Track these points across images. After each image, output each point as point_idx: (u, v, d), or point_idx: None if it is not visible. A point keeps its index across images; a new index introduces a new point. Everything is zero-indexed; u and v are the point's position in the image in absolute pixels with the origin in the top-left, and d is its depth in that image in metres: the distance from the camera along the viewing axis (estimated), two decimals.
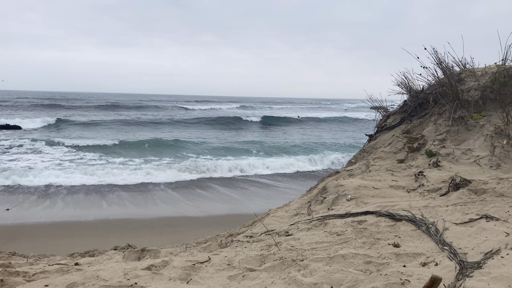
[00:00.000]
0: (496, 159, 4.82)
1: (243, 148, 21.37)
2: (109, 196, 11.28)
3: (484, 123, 5.48)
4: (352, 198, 4.35)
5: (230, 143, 23.44)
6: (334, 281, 2.41)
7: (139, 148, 20.33)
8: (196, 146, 21.61)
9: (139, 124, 33.15)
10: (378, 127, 7.36)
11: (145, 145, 20.92)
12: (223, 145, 22.44)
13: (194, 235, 7.41)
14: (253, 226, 4.96)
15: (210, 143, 22.78)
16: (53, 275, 2.95)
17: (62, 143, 20.51)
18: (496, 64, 6.27)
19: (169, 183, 13.00)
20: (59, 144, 20.40)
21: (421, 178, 4.65)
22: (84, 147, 19.97)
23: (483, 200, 3.71)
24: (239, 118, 38.98)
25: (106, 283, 2.60)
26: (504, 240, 2.69)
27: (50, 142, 21.05)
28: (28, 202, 10.39)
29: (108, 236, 8.00)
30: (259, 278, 2.57)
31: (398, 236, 3.07)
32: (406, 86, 7.01)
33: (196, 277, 2.68)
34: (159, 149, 19.96)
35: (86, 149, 19.49)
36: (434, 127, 5.94)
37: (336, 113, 52.84)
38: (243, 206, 10.56)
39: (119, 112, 44.68)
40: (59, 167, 14.75)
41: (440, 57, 6.30)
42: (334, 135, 30.59)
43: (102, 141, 21.49)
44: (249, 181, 13.83)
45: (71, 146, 19.95)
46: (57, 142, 20.93)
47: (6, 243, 7.47)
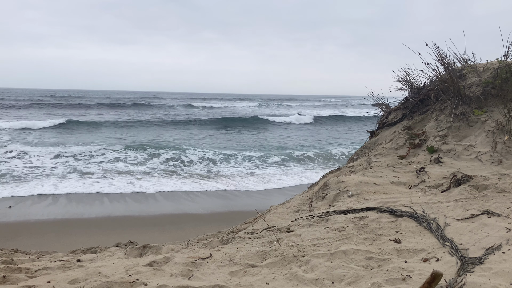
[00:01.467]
0: (498, 155, 4.81)
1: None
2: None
3: (485, 119, 5.46)
4: (354, 194, 4.35)
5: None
6: (335, 277, 2.41)
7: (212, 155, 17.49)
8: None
9: (168, 124, 31.16)
10: (380, 123, 7.35)
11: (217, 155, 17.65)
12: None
13: (195, 232, 7.42)
14: (255, 223, 4.97)
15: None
16: (55, 271, 2.96)
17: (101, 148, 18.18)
18: (498, 60, 6.25)
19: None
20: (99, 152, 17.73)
21: (422, 174, 4.65)
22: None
23: (484, 196, 3.71)
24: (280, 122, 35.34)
25: (108, 279, 2.61)
26: (505, 235, 2.69)
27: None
28: (31, 199, 10.42)
29: (110, 233, 8.02)
30: (260, 274, 2.57)
31: (400, 232, 3.07)
32: (408, 82, 6.99)
33: (198, 273, 2.69)
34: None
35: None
36: (436, 123, 5.93)
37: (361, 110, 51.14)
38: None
39: (137, 112, 43.20)
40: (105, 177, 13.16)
41: (441, 53, 6.28)
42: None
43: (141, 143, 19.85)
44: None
45: (117, 151, 17.82)
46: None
47: (9, 240, 7.50)
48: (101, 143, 20.39)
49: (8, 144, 18.66)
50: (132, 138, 23.20)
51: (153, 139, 22.97)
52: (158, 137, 23.95)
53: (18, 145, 18.56)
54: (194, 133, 27.40)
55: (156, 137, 24.19)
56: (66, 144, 19.57)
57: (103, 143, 20.41)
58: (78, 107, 46.97)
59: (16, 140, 20.78)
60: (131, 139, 22.53)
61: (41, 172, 13.43)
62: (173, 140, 22.89)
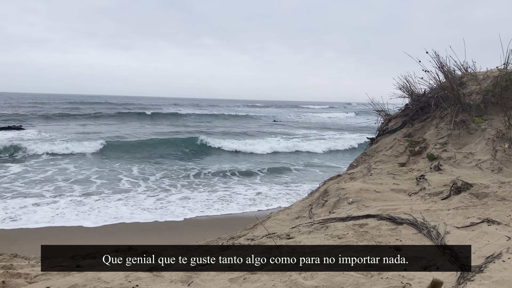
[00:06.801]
0: (498, 163, 4.82)
1: None
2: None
3: (485, 127, 5.47)
4: (354, 202, 4.34)
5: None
6: (335, 284, 2.41)
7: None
8: None
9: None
10: (380, 130, 7.36)
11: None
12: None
13: (195, 238, 7.40)
14: (254, 229, 4.96)
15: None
16: (54, 276, 2.96)
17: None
18: (498, 68, 6.28)
19: None
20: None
21: (422, 182, 4.65)
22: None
23: (484, 204, 3.71)
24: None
25: (108, 285, 2.60)
26: (505, 244, 2.69)
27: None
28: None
29: (109, 239, 8.00)
30: (260, 281, 2.57)
31: (400, 240, 3.07)
32: (408, 89, 7.01)
33: (197, 279, 2.68)
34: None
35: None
36: (436, 131, 5.94)
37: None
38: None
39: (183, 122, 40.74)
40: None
41: (442, 60, 6.31)
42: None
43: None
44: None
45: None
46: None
47: (8, 245, 7.49)
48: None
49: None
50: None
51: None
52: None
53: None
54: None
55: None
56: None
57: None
58: (98, 117, 43.12)
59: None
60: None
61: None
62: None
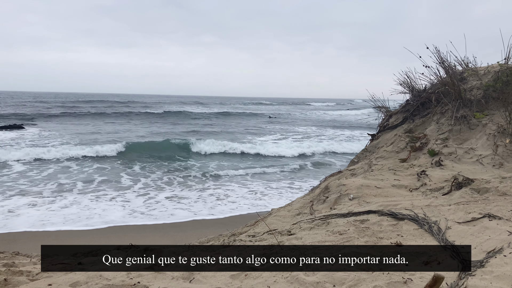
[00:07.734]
0: (499, 158, 4.81)
1: None
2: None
3: (486, 122, 5.46)
4: (355, 198, 4.35)
5: None
6: (337, 279, 2.41)
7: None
8: None
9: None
10: (381, 126, 7.35)
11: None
12: None
13: (196, 235, 7.42)
14: (256, 226, 4.97)
15: None
16: (56, 274, 2.96)
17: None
18: (499, 63, 6.26)
19: None
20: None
21: (423, 177, 4.65)
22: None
23: (485, 199, 3.71)
24: None
25: (109, 282, 2.61)
26: (507, 239, 2.69)
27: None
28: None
29: (111, 237, 8.02)
30: (261, 277, 2.57)
31: (401, 235, 3.07)
32: (409, 85, 7.00)
33: (199, 276, 2.69)
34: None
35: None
36: (437, 126, 5.93)
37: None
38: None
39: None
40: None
41: (442, 56, 6.30)
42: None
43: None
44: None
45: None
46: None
47: (10, 243, 7.51)
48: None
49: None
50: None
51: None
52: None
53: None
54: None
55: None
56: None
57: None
58: (107, 117, 42.07)
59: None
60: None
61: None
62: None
